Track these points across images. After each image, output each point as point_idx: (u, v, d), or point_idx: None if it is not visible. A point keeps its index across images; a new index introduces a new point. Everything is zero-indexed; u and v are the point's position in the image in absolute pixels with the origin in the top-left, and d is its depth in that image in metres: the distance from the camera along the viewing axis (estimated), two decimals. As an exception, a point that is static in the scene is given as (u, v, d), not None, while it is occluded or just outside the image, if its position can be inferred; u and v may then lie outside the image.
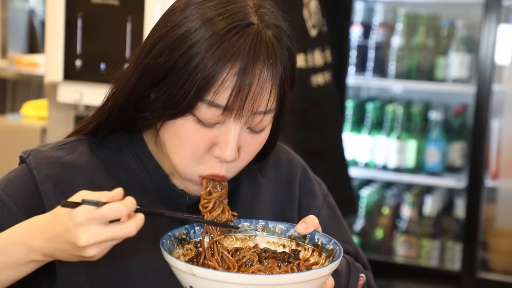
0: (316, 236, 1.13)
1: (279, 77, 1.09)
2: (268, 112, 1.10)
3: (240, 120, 1.08)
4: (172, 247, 1.08)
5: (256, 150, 1.16)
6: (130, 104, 1.14)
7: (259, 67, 1.06)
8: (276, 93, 1.10)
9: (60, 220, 0.96)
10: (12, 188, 1.15)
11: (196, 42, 1.06)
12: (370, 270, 1.38)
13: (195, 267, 0.96)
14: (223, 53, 1.04)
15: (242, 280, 0.95)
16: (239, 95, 1.05)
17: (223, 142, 1.09)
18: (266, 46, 1.07)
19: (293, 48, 1.13)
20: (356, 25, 3.88)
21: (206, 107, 1.07)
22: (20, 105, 3.84)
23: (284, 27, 1.12)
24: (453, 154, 3.75)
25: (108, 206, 0.93)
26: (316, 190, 1.36)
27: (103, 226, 0.94)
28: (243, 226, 1.17)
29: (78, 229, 0.93)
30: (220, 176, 1.13)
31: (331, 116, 2.98)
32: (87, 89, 2.33)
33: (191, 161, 1.12)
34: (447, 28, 3.77)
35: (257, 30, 1.07)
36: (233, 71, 1.04)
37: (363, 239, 3.87)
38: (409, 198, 3.82)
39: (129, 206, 0.95)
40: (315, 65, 2.81)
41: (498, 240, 3.64)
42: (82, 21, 2.30)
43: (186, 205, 1.21)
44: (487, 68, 3.46)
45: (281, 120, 1.20)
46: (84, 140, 1.23)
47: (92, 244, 0.94)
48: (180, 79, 1.06)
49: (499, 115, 3.61)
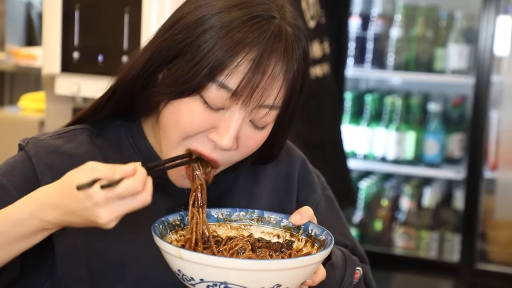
0: (310, 227, 1.13)
1: (291, 74, 1.10)
2: (273, 108, 1.11)
3: (245, 109, 1.08)
4: (165, 232, 1.08)
5: (254, 147, 1.15)
6: (139, 80, 1.13)
7: (274, 59, 1.07)
8: (286, 90, 1.11)
9: (74, 198, 0.95)
10: (12, 173, 1.15)
11: (215, 24, 1.07)
12: (368, 264, 1.37)
13: (183, 250, 0.96)
14: (243, 37, 1.05)
15: (229, 265, 0.94)
16: (251, 82, 1.05)
17: (223, 128, 1.09)
18: (286, 41, 1.08)
19: (308, 52, 1.14)
20: (355, 16, 3.87)
21: (215, 88, 1.07)
22: (18, 98, 3.84)
23: (304, 29, 1.14)
24: (452, 145, 3.75)
25: (125, 184, 0.93)
26: (315, 183, 1.36)
27: (121, 201, 0.94)
28: (238, 215, 1.17)
29: (98, 208, 0.94)
30: (211, 158, 1.12)
31: (329, 108, 2.97)
32: (85, 81, 2.32)
33: (181, 136, 1.11)
34: (446, 19, 3.76)
35: (278, 25, 1.08)
36: (249, 57, 1.05)
37: (362, 231, 3.87)
38: (408, 190, 3.82)
39: (143, 179, 0.95)
40: (313, 56, 2.80)
41: (497, 231, 3.65)
42: (79, 13, 2.29)
43: (186, 195, 1.21)
44: (486, 59, 3.45)
45: (286, 124, 1.20)
46: (84, 129, 1.23)
47: (113, 219, 0.95)
48: (194, 58, 1.07)
49: (498, 106, 3.61)
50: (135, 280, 1.16)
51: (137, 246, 1.16)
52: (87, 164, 0.97)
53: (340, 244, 1.31)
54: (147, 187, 0.96)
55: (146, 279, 1.16)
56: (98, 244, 1.15)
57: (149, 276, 1.16)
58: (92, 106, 1.23)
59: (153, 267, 1.15)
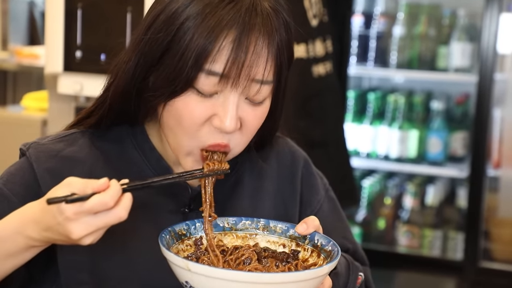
0: (316, 237, 1.12)
1: (275, 46, 1.09)
2: (265, 83, 1.10)
3: (237, 89, 1.08)
4: (171, 242, 1.07)
5: (257, 123, 1.15)
6: (132, 88, 1.13)
7: (254, 35, 1.07)
8: (273, 63, 1.10)
9: (50, 213, 0.96)
10: (13, 181, 1.15)
11: (191, 14, 1.07)
12: (368, 266, 1.37)
13: (191, 263, 0.96)
14: (218, 21, 1.06)
15: (237, 277, 0.94)
16: (235, 63, 1.06)
17: (222, 112, 1.09)
18: (262, 15, 1.08)
19: (289, 22, 1.13)
20: (357, 14, 3.86)
21: (204, 77, 1.07)
22: (20, 97, 3.84)
23: (282, 2, 1.14)
24: (455, 143, 3.74)
25: (94, 199, 0.93)
26: (318, 184, 1.36)
27: (93, 216, 0.94)
28: (244, 224, 1.17)
29: (69, 223, 0.94)
30: (223, 145, 1.12)
31: (332, 107, 2.97)
32: (87, 80, 2.32)
33: (191, 133, 1.10)
34: (449, 17, 3.75)
35: (251, 1, 1.08)
36: (229, 39, 1.06)
37: (365, 229, 3.86)
38: (411, 188, 3.82)
39: (114, 195, 0.94)
40: (316, 55, 2.80)
41: (500, 229, 3.64)
42: (82, 12, 2.29)
43: (189, 196, 1.20)
44: (489, 57, 3.45)
45: (280, 98, 1.19)
46: (85, 132, 1.23)
47: (86, 235, 0.95)
48: (177, 52, 1.07)
49: (501, 104, 3.60)
50: (138, 284, 1.15)
51: (139, 249, 1.16)
52: (66, 179, 0.97)
53: (342, 247, 1.31)
54: (121, 203, 0.95)
55: (149, 283, 1.16)
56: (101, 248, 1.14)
57: (152, 279, 1.16)
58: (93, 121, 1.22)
59: (155, 270, 1.15)
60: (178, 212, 1.20)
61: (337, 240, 1.12)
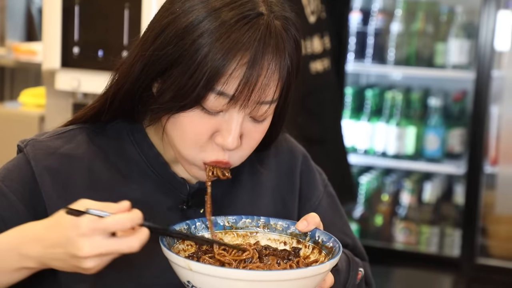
0: (317, 234, 1.12)
1: (286, 69, 1.09)
2: (272, 103, 1.11)
3: (244, 110, 1.08)
4: (172, 242, 1.07)
5: (258, 138, 1.15)
6: (135, 94, 1.13)
7: (267, 59, 1.06)
8: (282, 85, 1.10)
9: (61, 229, 0.94)
10: (11, 178, 1.14)
11: (205, 31, 1.05)
12: (368, 261, 1.38)
13: (192, 262, 0.96)
14: (234, 44, 1.04)
15: (239, 276, 0.95)
16: (247, 86, 1.05)
17: (225, 130, 1.09)
18: (276, 38, 1.07)
19: (299, 39, 1.13)
20: (355, 11, 3.86)
21: (214, 97, 1.06)
22: (18, 93, 3.83)
23: (292, 17, 1.13)
24: (453, 140, 3.75)
25: (113, 217, 0.93)
26: (317, 180, 1.36)
27: (106, 238, 0.93)
28: (244, 222, 1.17)
29: (81, 239, 0.92)
30: (224, 162, 1.12)
31: (330, 103, 2.97)
32: (85, 77, 2.32)
33: (194, 147, 1.11)
34: (447, 14, 3.75)
35: (267, 21, 1.07)
36: (243, 62, 1.04)
37: (362, 226, 3.87)
38: (409, 185, 3.82)
39: (134, 219, 0.94)
40: (314, 51, 2.80)
41: (497, 226, 3.65)
42: (79, 8, 2.29)
43: (187, 193, 1.21)
44: (486, 54, 3.45)
45: (284, 111, 1.20)
46: (83, 128, 1.22)
47: (93, 255, 0.93)
48: (189, 69, 1.05)
49: (499, 101, 3.61)
50: (138, 282, 1.15)
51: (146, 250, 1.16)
52: (81, 201, 0.97)
53: (341, 243, 1.31)
54: (137, 234, 0.95)
55: (148, 281, 1.15)
56: None
57: (151, 278, 1.15)
58: (90, 111, 1.22)
59: (155, 268, 1.14)
60: (176, 209, 1.20)
61: (336, 235, 1.12)
